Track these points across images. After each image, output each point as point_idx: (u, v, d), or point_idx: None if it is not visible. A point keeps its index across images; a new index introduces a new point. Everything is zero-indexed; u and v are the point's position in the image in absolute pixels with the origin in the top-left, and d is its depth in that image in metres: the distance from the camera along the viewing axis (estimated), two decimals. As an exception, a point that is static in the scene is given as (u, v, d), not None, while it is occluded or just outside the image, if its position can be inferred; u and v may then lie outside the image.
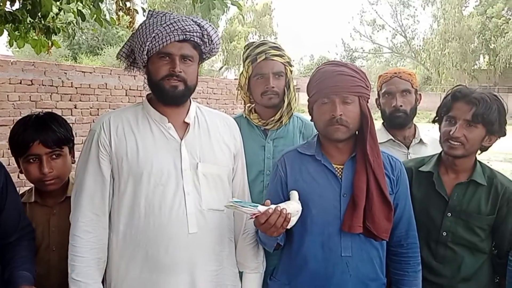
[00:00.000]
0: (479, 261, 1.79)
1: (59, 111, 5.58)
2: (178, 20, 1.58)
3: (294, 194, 1.56)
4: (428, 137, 2.35)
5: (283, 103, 2.06)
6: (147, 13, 1.65)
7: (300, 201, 1.54)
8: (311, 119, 1.69)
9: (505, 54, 30.71)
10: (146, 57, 1.60)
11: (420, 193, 1.83)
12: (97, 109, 6.44)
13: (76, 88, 6.27)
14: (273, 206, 1.46)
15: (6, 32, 3.78)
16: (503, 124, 1.77)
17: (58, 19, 4.01)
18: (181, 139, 1.63)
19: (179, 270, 1.56)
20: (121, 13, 4.17)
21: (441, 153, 1.88)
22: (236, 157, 1.76)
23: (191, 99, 1.71)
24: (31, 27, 3.77)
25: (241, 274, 1.77)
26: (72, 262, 1.55)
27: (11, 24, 3.56)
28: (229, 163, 1.72)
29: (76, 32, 4.11)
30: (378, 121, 2.16)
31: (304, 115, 2.22)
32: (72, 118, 6.04)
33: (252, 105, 2.15)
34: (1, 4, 3.29)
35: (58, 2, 3.75)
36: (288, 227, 1.50)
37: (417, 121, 2.39)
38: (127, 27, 4.28)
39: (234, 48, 30.09)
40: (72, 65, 6.67)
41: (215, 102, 8.71)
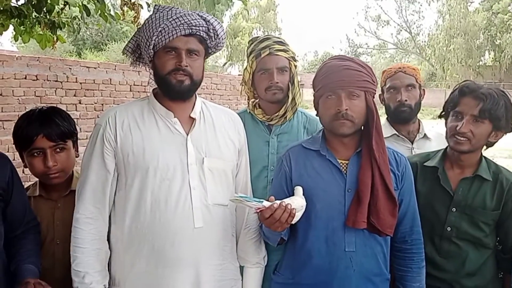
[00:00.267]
0: (484, 257, 1.79)
1: (64, 106, 5.60)
2: (184, 15, 1.58)
3: (299, 190, 1.56)
4: (433, 132, 2.35)
5: (288, 98, 2.05)
6: (153, 8, 1.65)
7: (305, 196, 1.54)
8: (317, 114, 1.69)
9: (511, 50, 30.47)
10: (152, 52, 1.60)
11: (425, 188, 1.82)
12: (102, 105, 6.46)
13: (81, 84, 6.28)
14: (278, 202, 1.46)
15: (12, 27, 3.79)
16: (510, 120, 1.76)
17: (63, 14, 4.01)
18: (187, 134, 1.63)
19: (185, 264, 1.56)
20: (126, 8, 4.17)
21: (447, 148, 1.87)
22: (240, 153, 1.77)
23: (196, 94, 1.71)
24: (36, 22, 3.77)
25: (242, 269, 1.77)
26: (74, 253, 1.57)
27: (17, 19, 3.56)
28: (234, 158, 1.72)
29: (81, 27, 4.11)
30: (383, 117, 2.15)
31: (308, 111, 2.22)
32: (77, 113, 6.06)
33: (256, 101, 2.14)
34: (7, -1, 3.30)
35: (63, -3, 3.75)
36: (293, 223, 1.50)
37: (422, 117, 2.38)
38: (132, 22, 4.27)
39: (238, 44, 29.98)
40: (77, 61, 6.68)
41: (219, 98, 8.70)
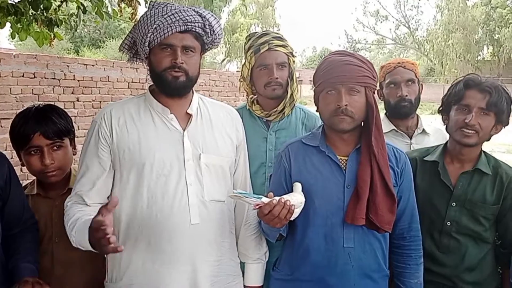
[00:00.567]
0: (483, 251, 1.79)
1: (62, 104, 5.59)
2: (180, 11, 1.57)
3: (298, 186, 1.55)
4: (431, 127, 2.34)
5: (286, 94, 2.05)
6: (149, 4, 1.63)
7: (304, 192, 1.54)
8: (317, 110, 1.68)
9: (510, 45, 30.44)
10: (148, 49, 1.59)
11: (424, 183, 1.82)
12: (100, 102, 6.44)
13: (79, 81, 6.27)
14: (277, 198, 1.46)
15: (9, 25, 3.77)
16: (509, 114, 1.77)
17: (60, 11, 3.99)
18: (184, 130, 1.62)
19: (181, 260, 1.56)
20: (123, 5, 4.15)
21: (447, 143, 1.87)
22: (239, 149, 1.76)
23: (194, 91, 1.70)
24: (33, 19, 3.74)
25: (243, 265, 1.77)
26: (68, 226, 1.54)
27: (13, 17, 3.54)
28: (232, 154, 1.71)
29: (78, 25, 4.09)
30: (381, 113, 2.15)
31: (307, 107, 2.21)
32: (75, 111, 6.05)
33: (255, 97, 2.14)
34: (3, -4, 3.28)
35: (60, -6, 3.73)
36: (292, 219, 1.50)
37: (420, 113, 2.38)
38: (129, 19, 4.25)
39: (237, 40, 29.90)
40: (75, 58, 6.66)
41: (217, 95, 8.69)
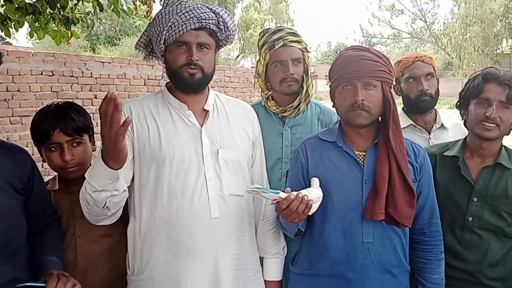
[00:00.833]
0: (506, 247, 1.76)
1: (80, 101, 5.67)
2: (194, 8, 1.58)
3: (315, 181, 1.55)
4: (450, 122, 2.31)
5: (302, 90, 2.04)
6: (163, 2, 1.65)
7: (321, 187, 1.54)
8: (333, 105, 1.67)
9: (530, 37, 29.83)
10: (164, 46, 1.61)
11: (445, 179, 1.80)
12: (117, 99, 6.51)
13: (96, 78, 6.35)
14: (295, 193, 1.46)
15: (27, 24, 3.83)
16: None
17: (77, 10, 4.04)
18: (201, 126, 1.64)
19: (203, 254, 1.57)
20: (138, 3, 4.18)
21: (466, 138, 1.85)
22: (255, 144, 1.77)
23: (209, 87, 1.72)
24: (51, 18, 3.81)
25: (262, 260, 1.78)
26: (87, 180, 1.47)
27: (31, 16, 3.60)
28: (248, 150, 1.72)
29: (95, 23, 4.14)
30: (398, 107, 2.13)
31: (323, 102, 2.20)
32: (93, 108, 6.12)
33: (270, 93, 2.13)
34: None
35: (77, -8, 3.78)
36: (309, 214, 1.50)
37: (438, 107, 2.34)
38: (144, 17, 4.29)
39: (251, 36, 29.83)
40: (91, 56, 6.75)
41: (233, 91, 8.70)
